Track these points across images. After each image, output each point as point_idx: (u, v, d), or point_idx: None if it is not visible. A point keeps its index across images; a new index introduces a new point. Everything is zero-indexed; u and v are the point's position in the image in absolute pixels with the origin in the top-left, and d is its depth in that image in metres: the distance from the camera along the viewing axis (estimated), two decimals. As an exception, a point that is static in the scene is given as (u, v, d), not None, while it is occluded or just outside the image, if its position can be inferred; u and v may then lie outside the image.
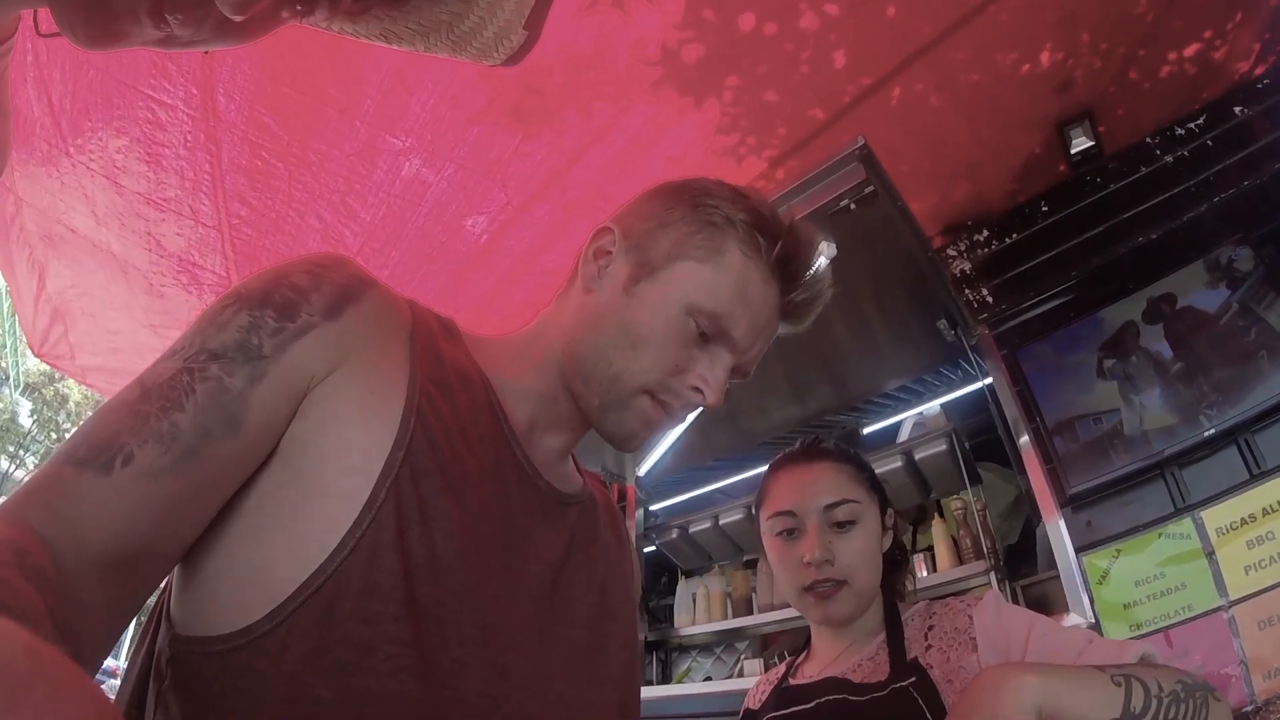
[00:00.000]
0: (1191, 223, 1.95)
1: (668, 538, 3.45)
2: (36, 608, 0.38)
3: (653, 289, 0.75)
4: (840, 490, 1.14)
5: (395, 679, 0.53)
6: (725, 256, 0.75)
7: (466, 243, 2.33)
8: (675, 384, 0.74)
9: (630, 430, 0.75)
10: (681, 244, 0.76)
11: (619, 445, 0.77)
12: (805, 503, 1.14)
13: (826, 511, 1.12)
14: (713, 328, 0.73)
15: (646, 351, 0.73)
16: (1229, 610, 1.57)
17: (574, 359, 0.76)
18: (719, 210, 0.77)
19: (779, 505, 1.17)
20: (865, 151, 1.75)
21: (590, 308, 0.77)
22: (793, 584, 1.13)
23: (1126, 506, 1.83)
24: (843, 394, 2.96)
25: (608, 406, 0.74)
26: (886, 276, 2.29)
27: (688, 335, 0.73)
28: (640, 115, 1.95)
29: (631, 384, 0.73)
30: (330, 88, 1.86)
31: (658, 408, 0.74)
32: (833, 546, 1.10)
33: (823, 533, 1.11)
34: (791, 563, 1.13)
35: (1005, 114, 2.07)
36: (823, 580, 1.09)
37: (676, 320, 0.73)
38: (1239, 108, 1.97)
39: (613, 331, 0.74)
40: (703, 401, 0.74)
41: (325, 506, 0.56)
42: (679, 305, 0.73)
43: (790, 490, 1.17)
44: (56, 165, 2.03)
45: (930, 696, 0.93)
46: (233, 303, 0.60)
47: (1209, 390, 1.78)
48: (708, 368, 0.74)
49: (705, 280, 0.74)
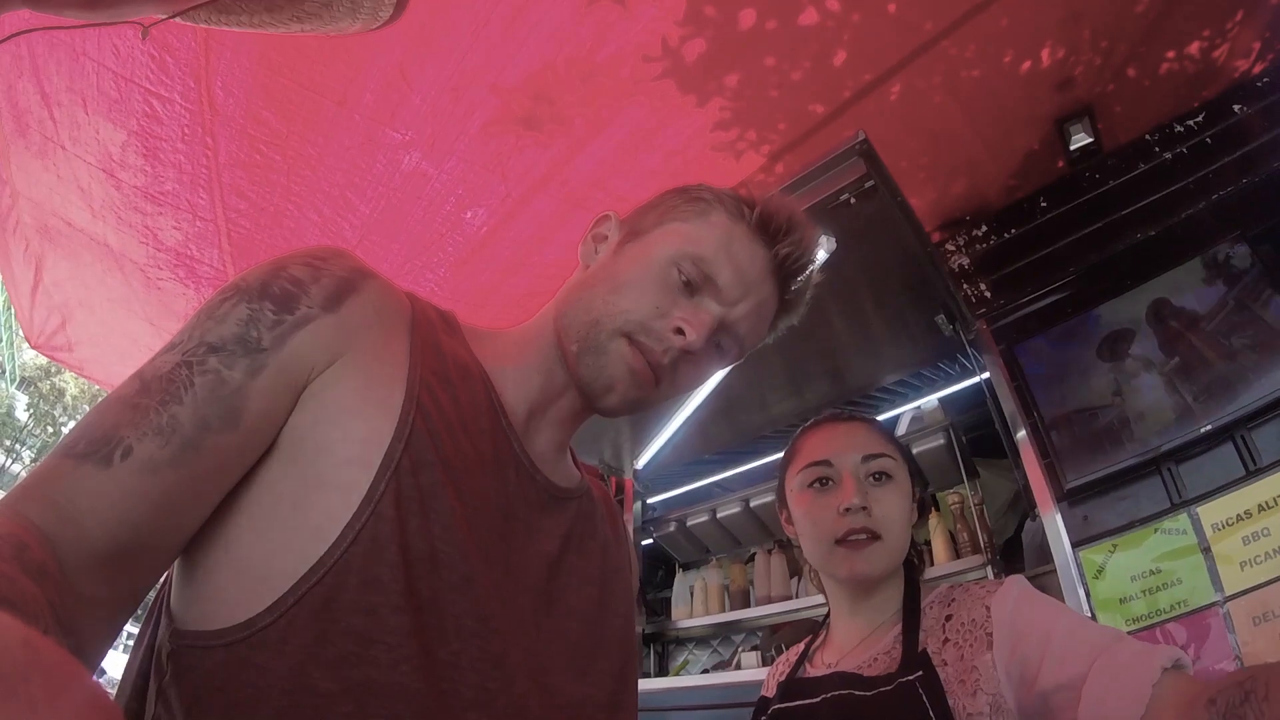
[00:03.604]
0: (1189, 220, 1.95)
1: (665, 531, 3.47)
2: (37, 601, 0.38)
3: (639, 246, 0.78)
4: (877, 444, 1.10)
5: (396, 670, 0.54)
6: (710, 217, 0.77)
7: (466, 236, 2.32)
8: (656, 325, 0.73)
9: (609, 379, 0.73)
10: (669, 212, 0.79)
11: (598, 403, 0.76)
12: (842, 453, 1.09)
13: (864, 463, 1.07)
14: (696, 274, 0.74)
15: (627, 294, 0.74)
16: (1224, 606, 1.58)
17: (561, 319, 0.77)
18: (707, 190, 0.80)
19: (812, 456, 1.11)
20: (866, 146, 1.74)
21: (582, 277, 0.80)
22: (823, 537, 1.06)
23: (1123, 501, 1.83)
24: (840, 388, 2.96)
25: (584, 351, 0.74)
26: (885, 271, 2.28)
27: (670, 282, 0.74)
28: (641, 110, 1.95)
29: (609, 325, 0.73)
30: (329, 81, 1.85)
31: (635, 353, 0.72)
32: (869, 497, 1.05)
33: (860, 482, 1.06)
34: (824, 513, 1.06)
35: (1005, 110, 2.07)
36: (858, 530, 1.03)
37: (659, 268, 0.74)
38: (1238, 106, 1.97)
39: (599, 285, 0.76)
40: (684, 342, 0.72)
41: (325, 498, 0.56)
42: (663, 256, 0.75)
43: (825, 443, 1.12)
44: (52, 158, 2.02)
45: (935, 695, 0.88)
46: (231, 295, 0.60)
47: (1206, 387, 1.78)
48: (691, 312, 0.73)
49: (689, 233, 0.76)
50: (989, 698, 0.86)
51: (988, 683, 0.87)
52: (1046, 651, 0.83)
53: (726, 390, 2.64)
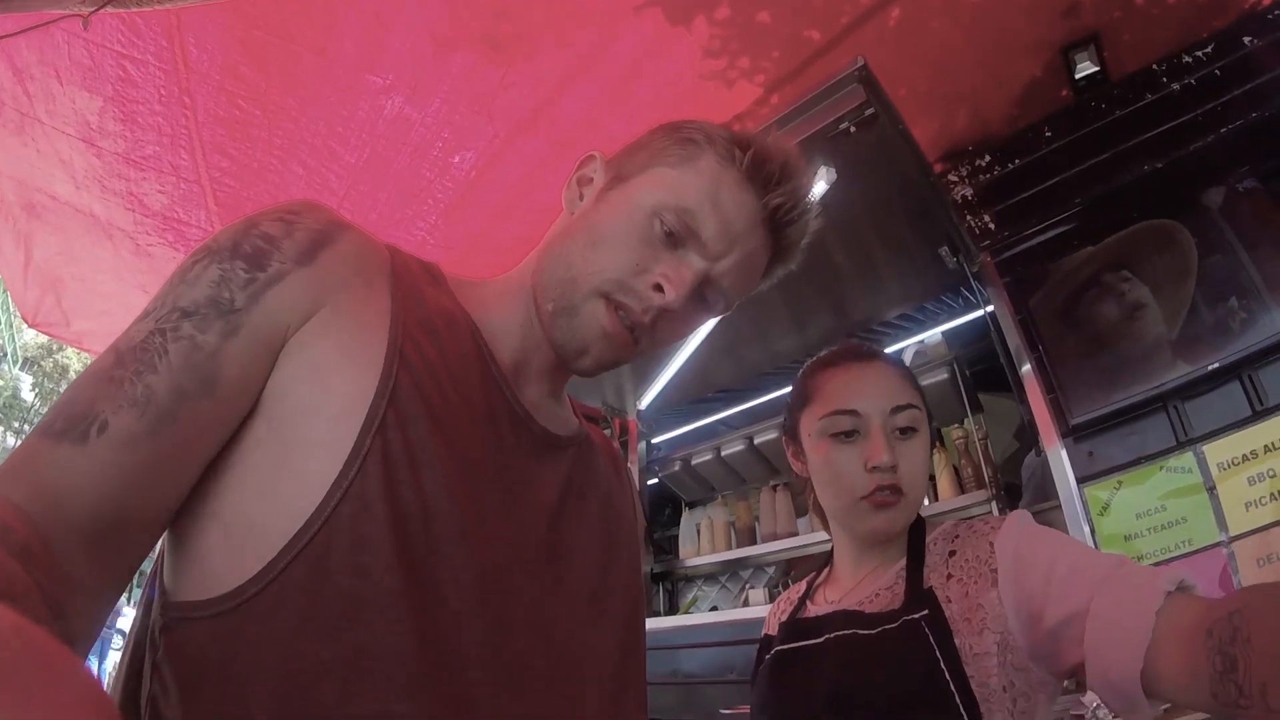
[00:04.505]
0: (1197, 153, 1.88)
1: (670, 470, 3.50)
2: (25, 584, 0.37)
3: (620, 194, 0.73)
4: (904, 393, 1.02)
5: (390, 632, 0.53)
6: (698, 162, 0.72)
7: (455, 180, 2.27)
8: (635, 283, 0.69)
9: (582, 341, 0.71)
10: (656, 155, 0.74)
11: (572, 364, 0.74)
12: (871, 402, 1.01)
13: (892, 415, 1.00)
14: (680, 225, 0.69)
15: (605, 249, 0.70)
16: (1229, 546, 1.58)
17: (539, 274, 0.74)
18: (698, 129, 0.74)
19: (838, 403, 1.02)
20: (865, 72, 1.67)
21: (564, 225, 0.76)
22: (848, 491, 1.01)
23: (1128, 438, 1.82)
24: (843, 322, 2.94)
25: (558, 312, 0.71)
26: (887, 202, 2.23)
27: (651, 235, 0.70)
28: (628, 42, 1.87)
29: (586, 285, 0.69)
30: (305, 30, 1.78)
31: (612, 315, 0.69)
32: (896, 453, 0.99)
33: (888, 437, 1.00)
34: (850, 468, 1.00)
35: (1008, 37, 1.98)
36: (885, 487, 0.98)
37: (640, 220, 0.70)
38: (1248, 38, 1.88)
39: (577, 236, 0.73)
40: (663, 300, 0.68)
41: (310, 458, 0.55)
42: (644, 206, 0.70)
43: (850, 388, 1.03)
44: (30, 133, 1.97)
45: (943, 634, 0.85)
46: (203, 258, 0.58)
47: (1213, 325, 1.75)
48: (672, 267, 0.69)
49: (673, 181, 0.71)
50: (996, 636, 0.84)
51: (994, 621, 0.85)
52: (1050, 586, 0.81)
53: (728, 327, 2.61)
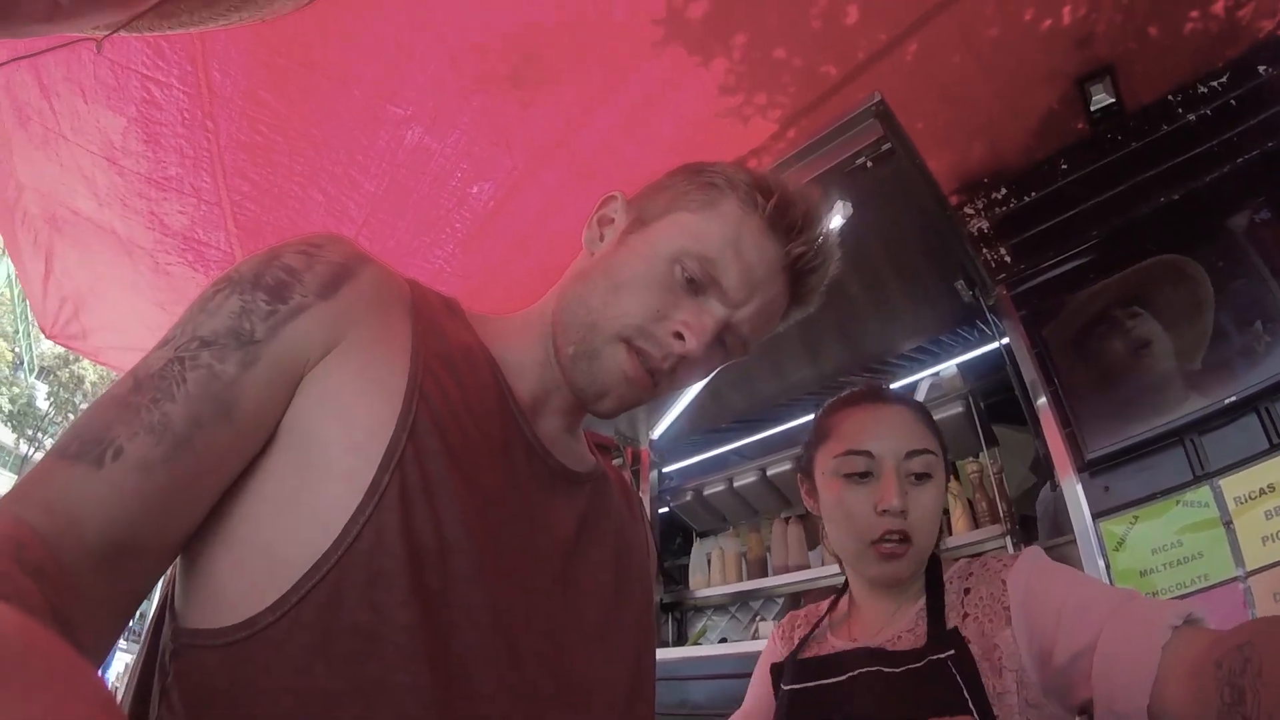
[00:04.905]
0: (1213, 184, 1.88)
1: (682, 500, 3.47)
2: (37, 602, 0.37)
3: (641, 238, 0.73)
4: (921, 438, 1.02)
5: (404, 667, 0.52)
6: (720, 208, 0.72)
7: (474, 210, 2.30)
8: (655, 329, 0.69)
9: (602, 385, 0.71)
10: (677, 199, 0.74)
11: (591, 406, 0.74)
12: (886, 444, 1.01)
13: (907, 459, 1.01)
14: (701, 274, 0.69)
15: (626, 294, 0.70)
16: (1245, 581, 1.55)
17: (558, 312, 0.74)
18: (720, 174, 0.74)
19: (853, 443, 1.03)
20: (882, 107, 1.68)
21: (584, 266, 0.76)
22: (858, 534, 1.01)
23: (1144, 472, 1.79)
24: (858, 354, 2.93)
25: (579, 356, 0.71)
26: (903, 235, 2.23)
27: (672, 281, 0.69)
28: (646, 76, 1.89)
29: (607, 330, 0.69)
30: (327, 58, 1.81)
31: (633, 359, 0.69)
32: (908, 499, 0.99)
33: (900, 481, 1.00)
34: (861, 509, 1.01)
35: (1024, 69, 1.99)
36: (894, 533, 0.98)
37: (661, 265, 0.70)
38: (1263, 67, 1.88)
39: (598, 279, 0.72)
40: (684, 349, 0.68)
41: (327, 490, 0.55)
42: (666, 252, 0.70)
43: (866, 428, 1.04)
44: (55, 148, 2.01)
45: (970, 674, 0.85)
46: (224, 287, 0.59)
47: (1238, 350, 1.73)
48: (693, 315, 0.69)
49: (695, 227, 0.71)
50: (1014, 674, 0.84)
51: (1010, 659, 0.85)
52: (1061, 622, 0.81)
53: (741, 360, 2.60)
